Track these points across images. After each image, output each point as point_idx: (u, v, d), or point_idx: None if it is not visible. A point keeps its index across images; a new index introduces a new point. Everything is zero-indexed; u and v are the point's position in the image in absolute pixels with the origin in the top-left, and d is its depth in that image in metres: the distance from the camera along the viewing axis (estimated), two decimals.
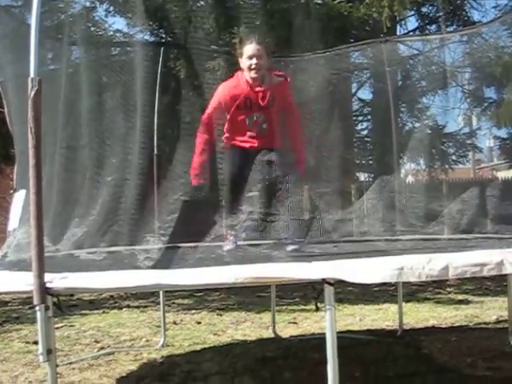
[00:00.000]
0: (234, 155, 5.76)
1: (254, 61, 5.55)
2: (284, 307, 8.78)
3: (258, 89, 5.64)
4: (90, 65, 7.26)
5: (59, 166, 5.92)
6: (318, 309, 3.61)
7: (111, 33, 12.32)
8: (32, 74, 3.44)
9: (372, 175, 14.29)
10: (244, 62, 5.62)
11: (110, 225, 6.07)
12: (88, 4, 12.06)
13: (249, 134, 5.74)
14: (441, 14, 13.44)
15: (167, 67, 9.76)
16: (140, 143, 6.86)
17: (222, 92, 5.76)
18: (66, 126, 6.34)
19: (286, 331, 7.36)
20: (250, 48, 5.60)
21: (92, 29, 11.03)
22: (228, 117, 5.77)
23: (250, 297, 9.70)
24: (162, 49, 8.17)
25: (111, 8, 12.32)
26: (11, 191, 5.06)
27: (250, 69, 5.59)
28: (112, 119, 7.35)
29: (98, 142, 6.99)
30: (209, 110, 5.83)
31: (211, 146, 5.89)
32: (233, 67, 10.32)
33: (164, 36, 11.76)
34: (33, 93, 3.40)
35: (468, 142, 14.44)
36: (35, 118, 3.40)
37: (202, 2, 12.17)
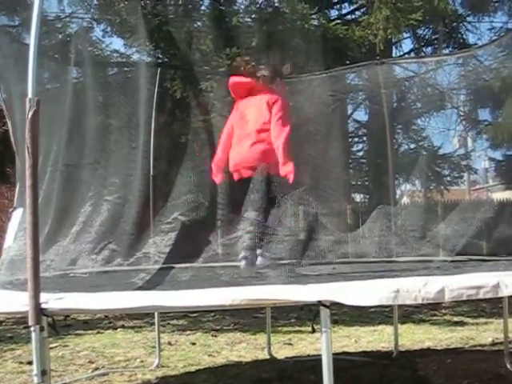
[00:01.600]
0: None
1: None
2: (279, 328, 8.75)
3: None
4: (87, 84, 7.28)
5: (54, 184, 5.93)
6: (314, 331, 3.61)
7: (108, 53, 12.38)
8: (30, 95, 3.45)
9: (368, 196, 14.33)
10: None
11: (105, 244, 6.06)
12: (85, 24, 12.15)
13: None
14: (436, 36, 13.54)
15: (164, 88, 9.79)
16: (136, 164, 6.88)
17: None
18: (61, 145, 6.35)
19: (282, 352, 7.34)
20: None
21: (89, 49, 11.07)
22: None
23: (245, 318, 9.67)
24: (159, 69, 8.18)
25: (108, 28, 12.38)
26: (10, 210, 5.05)
27: None
28: (108, 139, 7.36)
29: (93, 161, 7.00)
30: None
31: None
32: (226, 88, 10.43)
33: (161, 56, 11.81)
34: (30, 113, 3.40)
35: (463, 163, 14.50)
36: (33, 138, 3.40)
37: (199, 23, 12.24)
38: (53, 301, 3.47)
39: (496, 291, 3.45)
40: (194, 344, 7.97)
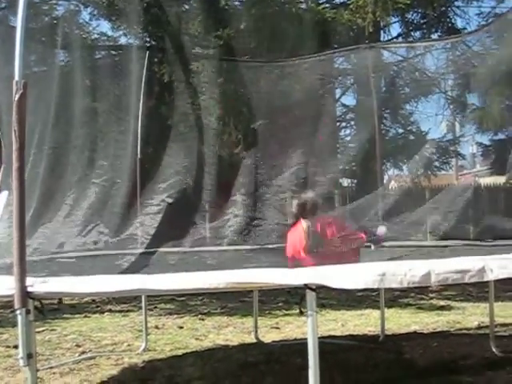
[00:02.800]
0: None
1: None
2: (266, 312, 8.76)
3: None
4: (74, 68, 7.24)
5: (42, 167, 5.91)
6: (302, 313, 3.62)
7: (96, 36, 12.30)
8: (17, 77, 3.43)
9: (355, 181, 14.34)
10: None
11: (92, 226, 6.05)
12: (72, 7, 12.06)
13: None
14: (425, 20, 13.52)
15: (152, 71, 9.75)
16: (124, 146, 6.86)
17: None
18: (48, 128, 6.32)
19: (269, 336, 7.35)
20: None
21: (76, 32, 11.00)
22: None
23: (232, 301, 9.68)
24: (148, 52, 8.14)
25: (96, 11, 12.27)
26: None
27: None
28: (96, 122, 7.33)
29: (80, 144, 6.97)
30: None
31: None
32: (220, 72, 10.40)
33: (148, 39, 11.74)
34: (17, 96, 3.38)
35: (451, 148, 14.53)
36: (19, 120, 3.38)
37: (187, 6, 12.18)
38: (39, 284, 3.46)
39: (481, 275, 3.46)
40: (181, 328, 7.98)
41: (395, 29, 14.90)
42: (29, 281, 3.41)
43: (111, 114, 7.54)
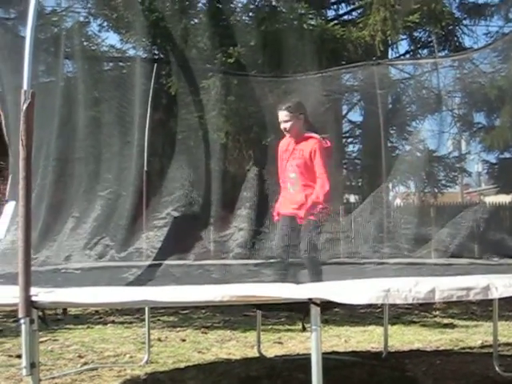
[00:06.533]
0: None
1: (282, 125, 6.20)
2: (269, 327, 8.75)
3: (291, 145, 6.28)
4: (82, 79, 7.27)
5: (50, 178, 5.92)
6: (304, 329, 3.62)
7: (104, 48, 12.36)
8: (25, 87, 3.45)
9: (361, 197, 14.32)
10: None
11: (98, 239, 6.06)
12: (82, 19, 12.12)
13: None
14: (433, 38, 13.55)
15: (160, 84, 9.78)
16: (130, 159, 6.88)
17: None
18: (55, 139, 6.34)
19: (271, 351, 7.33)
20: (278, 114, 6.24)
21: (85, 43, 11.05)
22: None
23: (235, 315, 9.66)
24: (155, 65, 8.17)
25: (105, 23, 12.34)
26: (3, 201, 5.05)
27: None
28: (103, 134, 7.35)
29: (87, 156, 6.99)
30: None
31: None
32: (227, 86, 10.43)
33: (157, 53, 11.79)
34: (25, 105, 3.40)
35: (457, 165, 14.51)
36: (27, 130, 3.40)
37: (196, 20, 12.23)
38: (43, 294, 3.47)
39: (486, 293, 3.46)
40: (183, 341, 7.96)
41: (403, 46, 14.93)
42: (34, 290, 3.42)
43: (119, 126, 7.55)
